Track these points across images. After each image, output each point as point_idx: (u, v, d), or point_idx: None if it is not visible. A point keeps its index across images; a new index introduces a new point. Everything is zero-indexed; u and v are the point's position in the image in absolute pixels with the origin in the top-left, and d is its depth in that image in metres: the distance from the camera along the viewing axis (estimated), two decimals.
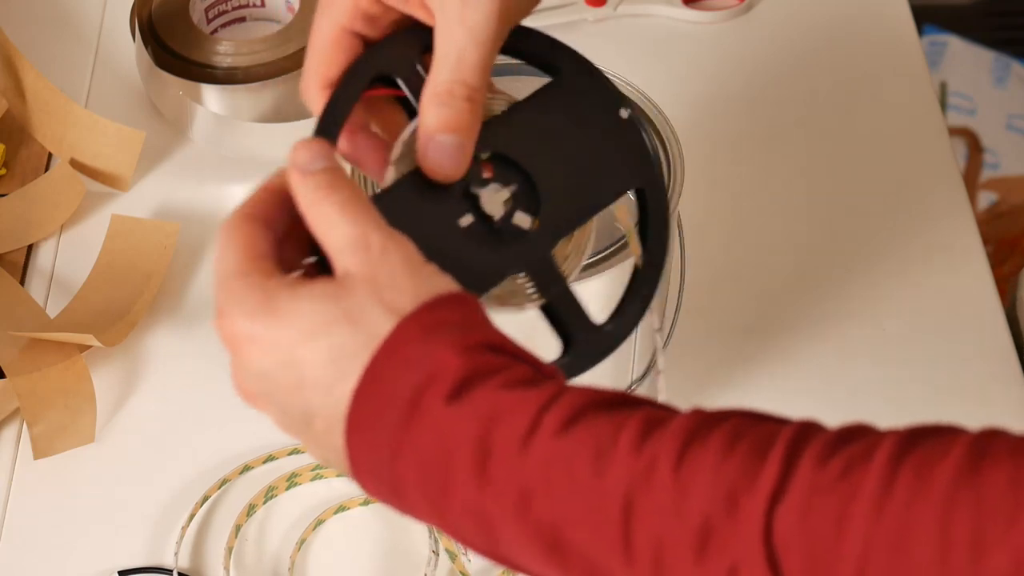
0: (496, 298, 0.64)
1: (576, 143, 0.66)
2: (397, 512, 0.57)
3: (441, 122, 0.62)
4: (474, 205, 0.65)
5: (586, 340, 0.65)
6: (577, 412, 0.54)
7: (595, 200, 0.67)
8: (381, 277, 0.57)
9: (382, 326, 0.56)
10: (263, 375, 0.59)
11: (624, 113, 0.68)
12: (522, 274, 0.65)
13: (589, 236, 0.68)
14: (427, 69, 0.64)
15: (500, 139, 0.65)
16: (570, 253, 0.68)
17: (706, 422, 0.54)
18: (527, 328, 0.64)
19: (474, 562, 0.89)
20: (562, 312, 0.65)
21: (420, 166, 0.63)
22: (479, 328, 0.57)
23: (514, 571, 0.57)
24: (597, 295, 0.79)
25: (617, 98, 0.68)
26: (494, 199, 0.65)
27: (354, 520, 0.91)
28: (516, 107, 0.67)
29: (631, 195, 0.69)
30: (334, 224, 0.59)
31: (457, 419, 0.54)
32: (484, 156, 0.65)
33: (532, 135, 0.66)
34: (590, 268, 0.79)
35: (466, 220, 0.64)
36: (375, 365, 0.55)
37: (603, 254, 0.79)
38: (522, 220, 0.65)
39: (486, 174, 0.65)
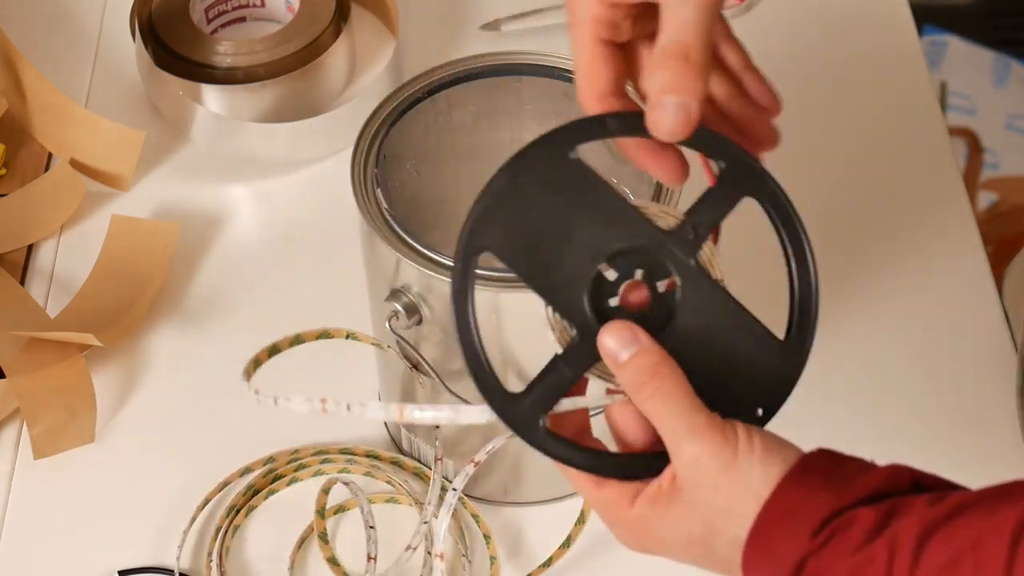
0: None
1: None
2: None
3: (661, 84, 0.64)
4: (624, 312, 0.66)
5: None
6: (917, 549, 0.59)
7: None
8: (708, 492, 0.63)
9: (739, 536, 0.63)
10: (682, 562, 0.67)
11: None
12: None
13: None
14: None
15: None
16: None
17: None
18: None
19: (474, 563, 0.90)
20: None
21: (651, 131, 0.65)
22: (806, 509, 0.62)
23: None
24: None
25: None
26: (636, 295, 0.66)
27: (355, 520, 0.91)
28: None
29: None
30: (654, 422, 0.65)
31: None
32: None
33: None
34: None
35: (595, 304, 0.66)
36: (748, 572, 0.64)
37: None
38: (663, 285, 0.66)
39: (612, 277, 0.66)
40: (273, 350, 0.77)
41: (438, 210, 0.94)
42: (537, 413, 0.64)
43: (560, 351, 0.65)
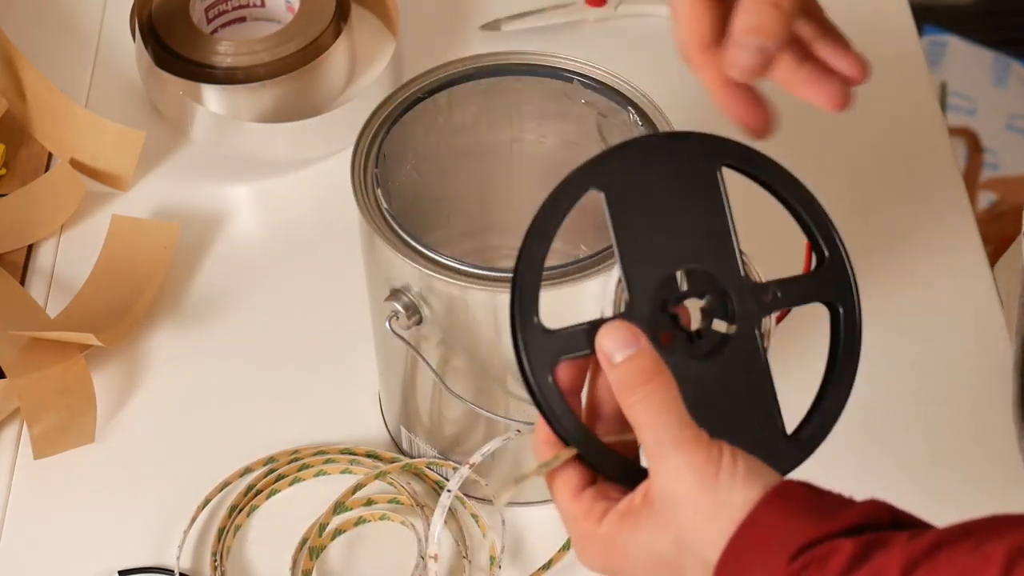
0: None
1: None
2: None
3: (747, 25, 0.67)
4: (674, 322, 0.66)
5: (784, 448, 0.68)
6: None
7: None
8: (684, 508, 0.62)
9: (709, 559, 0.61)
10: None
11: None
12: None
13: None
14: None
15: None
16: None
17: (1016, 557, 0.57)
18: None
19: (474, 563, 0.90)
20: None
21: (727, 69, 0.68)
22: (784, 534, 0.60)
23: None
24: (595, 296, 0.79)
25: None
26: (692, 310, 0.67)
27: (356, 519, 0.91)
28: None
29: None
30: (637, 428, 0.64)
31: None
32: (680, 273, 0.67)
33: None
34: (591, 268, 0.79)
35: (666, 337, 0.66)
36: None
37: (604, 253, 0.79)
38: (720, 326, 0.67)
39: (684, 287, 0.67)
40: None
41: (438, 210, 0.94)
42: (556, 354, 0.64)
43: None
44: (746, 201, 0.72)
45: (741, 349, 0.67)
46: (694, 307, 0.67)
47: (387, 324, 0.83)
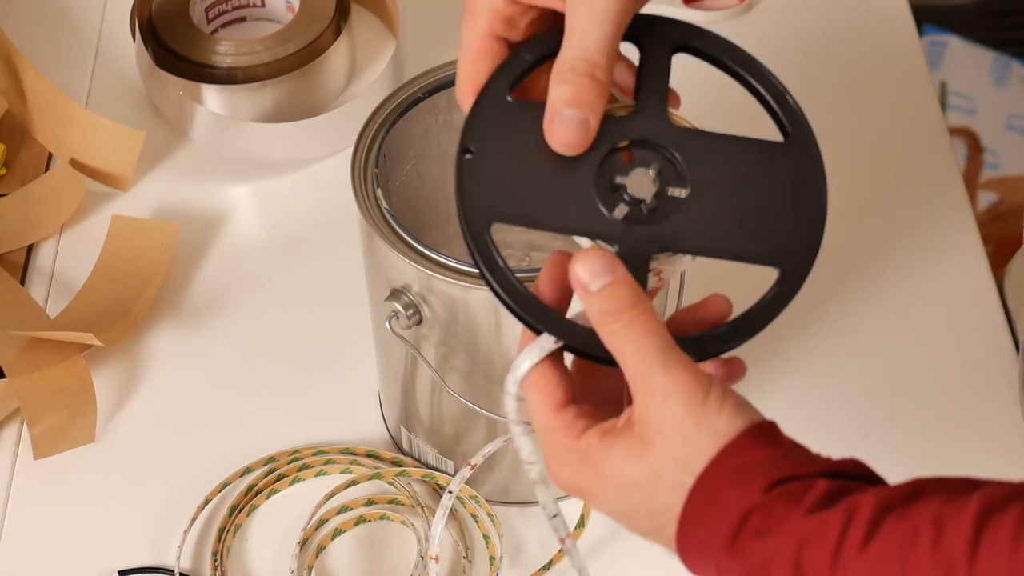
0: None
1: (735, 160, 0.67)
2: None
3: (565, 97, 0.65)
4: (624, 195, 0.65)
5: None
6: (873, 522, 0.58)
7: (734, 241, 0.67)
8: (667, 428, 0.61)
9: (684, 482, 0.61)
10: (608, 513, 0.65)
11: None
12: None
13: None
14: None
15: (638, 130, 0.67)
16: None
17: (992, 508, 0.57)
18: None
19: (474, 563, 0.90)
20: None
21: (547, 140, 0.65)
22: (764, 464, 0.60)
23: None
24: None
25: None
26: (642, 182, 0.66)
27: (356, 519, 0.91)
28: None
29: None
30: (621, 355, 0.62)
31: (771, 548, 0.59)
32: (622, 144, 0.66)
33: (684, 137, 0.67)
34: None
35: (621, 211, 0.65)
36: (687, 516, 0.61)
37: None
38: (677, 192, 0.66)
39: (626, 160, 0.66)
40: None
41: (438, 210, 0.94)
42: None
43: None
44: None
45: (694, 147, 0.66)
46: (645, 177, 0.66)
47: (387, 324, 0.83)
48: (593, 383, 0.67)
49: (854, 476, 0.61)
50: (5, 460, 0.94)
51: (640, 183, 0.65)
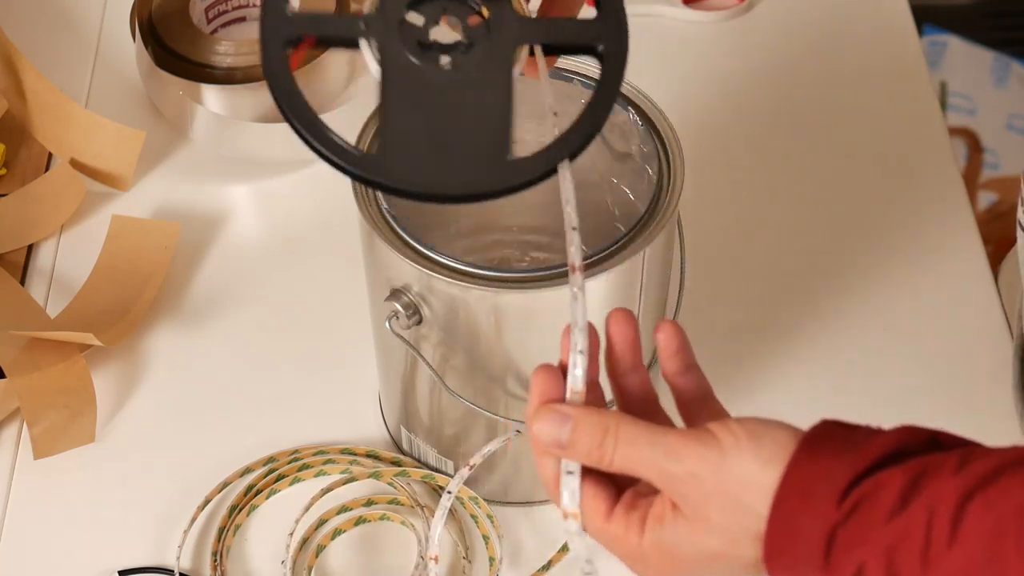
0: None
1: None
2: None
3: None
4: (439, 47, 0.66)
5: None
6: (956, 516, 0.57)
7: None
8: (712, 498, 0.62)
9: (761, 529, 0.61)
10: None
11: None
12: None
13: None
14: None
15: None
16: None
17: None
18: None
19: (474, 564, 0.90)
20: None
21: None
22: (823, 477, 0.60)
23: None
24: (601, 298, 0.79)
25: None
26: (447, 31, 0.67)
27: (355, 519, 0.91)
28: None
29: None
30: (630, 471, 0.63)
31: (862, 556, 0.59)
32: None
33: None
34: (591, 268, 0.79)
35: (445, 60, 0.66)
36: (770, 556, 0.61)
37: (604, 253, 0.79)
38: (476, 19, 0.67)
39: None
40: None
41: (438, 210, 0.94)
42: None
43: None
44: None
45: (492, 67, 0.67)
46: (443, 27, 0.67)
47: (387, 324, 0.83)
48: None
49: (916, 447, 0.60)
50: (5, 460, 0.94)
51: (444, 32, 0.67)
